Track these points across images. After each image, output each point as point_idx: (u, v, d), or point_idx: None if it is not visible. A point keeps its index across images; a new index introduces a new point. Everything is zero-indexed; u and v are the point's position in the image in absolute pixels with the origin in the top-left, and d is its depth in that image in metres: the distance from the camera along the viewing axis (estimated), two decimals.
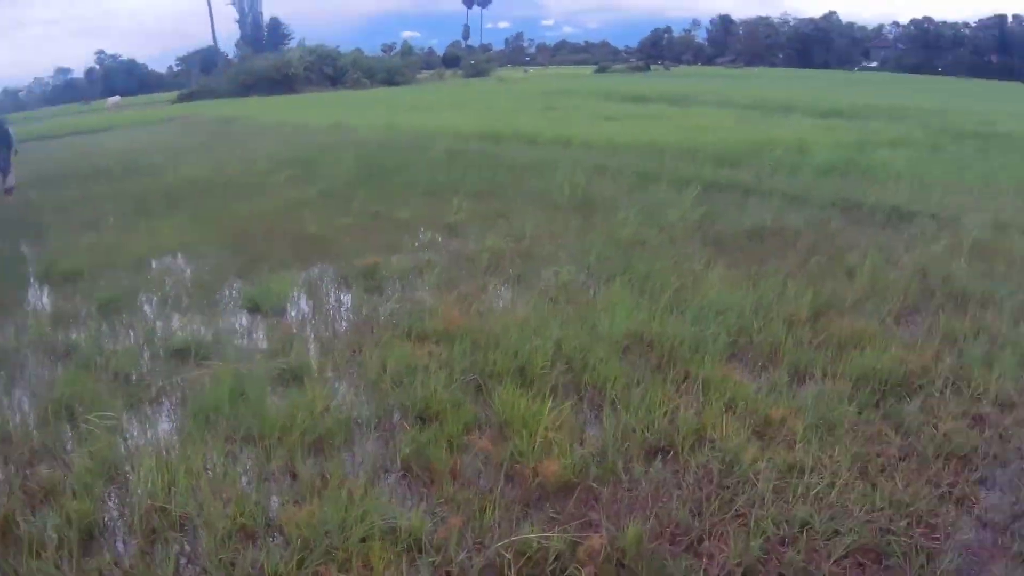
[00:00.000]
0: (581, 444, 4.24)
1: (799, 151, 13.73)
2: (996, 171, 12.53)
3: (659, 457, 4.13)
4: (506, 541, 3.45)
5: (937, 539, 3.62)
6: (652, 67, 79.82)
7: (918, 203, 10.11)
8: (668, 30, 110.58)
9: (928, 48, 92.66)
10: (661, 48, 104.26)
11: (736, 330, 5.64)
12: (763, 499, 3.72)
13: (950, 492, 3.95)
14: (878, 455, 4.23)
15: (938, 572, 3.41)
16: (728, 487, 3.85)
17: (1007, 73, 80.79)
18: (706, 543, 3.48)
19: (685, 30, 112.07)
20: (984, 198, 10.59)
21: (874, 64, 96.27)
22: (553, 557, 3.38)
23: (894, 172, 12.14)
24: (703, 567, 3.33)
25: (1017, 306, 6.39)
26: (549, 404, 4.45)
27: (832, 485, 3.88)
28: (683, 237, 7.92)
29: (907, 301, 6.55)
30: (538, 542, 3.43)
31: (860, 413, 4.65)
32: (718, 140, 14.27)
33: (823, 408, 4.60)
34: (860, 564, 3.44)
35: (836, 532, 3.57)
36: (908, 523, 3.69)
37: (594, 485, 3.90)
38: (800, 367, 5.21)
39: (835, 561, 3.41)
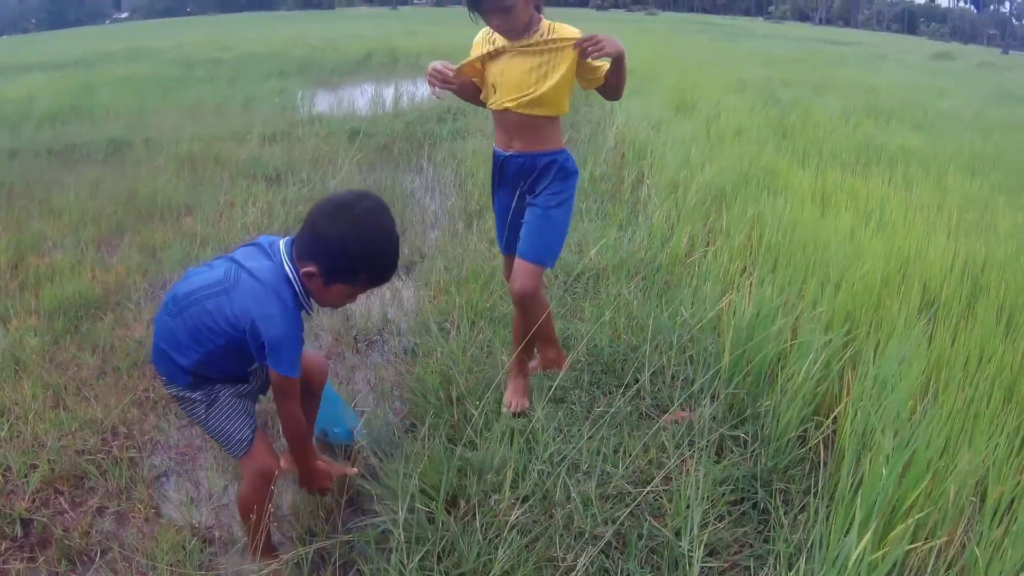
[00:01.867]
0: None
1: (25, 105, 13.08)
2: (212, 94, 13.37)
3: None
4: None
5: (135, 448, 3.64)
6: None
7: (135, 132, 10.26)
8: None
9: None
10: None
11: None
12: None
13: (146, 398, 4.02)
14: (72, 379, 4.15)
15: (142, 478, 3.43)
16: None
17: (256, 4, 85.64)
18: None
19: None
20: (197, 118, 11.23)
21: (125, 15, 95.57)
22: None
23: (115, 109, 12.28)
24: None
25: (213, 208, 6.75)
26: None
27: (25, 421, 3.73)
28: None
29: (111, 226, 6.56)
30: None
31: (54, 343, 4.55)
32: None
33: (15, 348, 4.41)
34: (59, 491, 3.35)
35: (33, 467, 3.44)
36: (103, 439, 3.67)
37: None
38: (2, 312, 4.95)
39: (32, 496, 3.28)
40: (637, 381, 3.72)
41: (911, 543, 2.38)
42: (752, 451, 3.18)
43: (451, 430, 3.40)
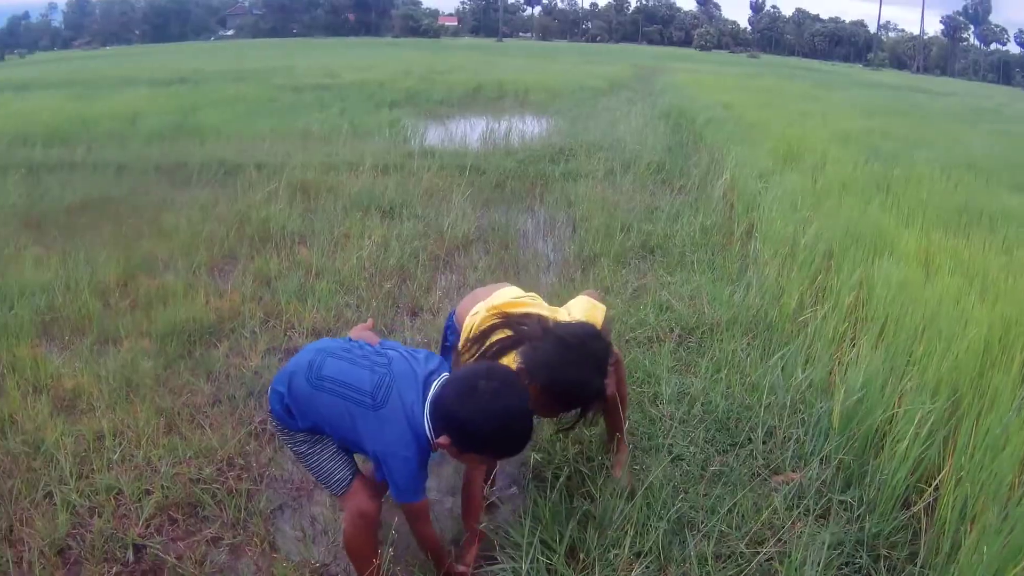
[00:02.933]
0: None
1: (130, 121, 13.60)
2: (321, 121, 13.80)
3: None
4: None
5: (251, 480, 3.74)
6: (7, 56, 73.26)
7: (245, 156, 10.57)
8: (26, 16, 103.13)
9: (284, 11, 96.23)
10: (19, 36, 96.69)
11: (46, 308, 5.39)
12: (68, 474, 3.59)
13: (262, 430, 4.10)
14: (185, 406, 4.27)
15: (258, 511, 3.52)
16: (34, 469, 3.67)
17: (363, 29, 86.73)
18: (16, 530, 3.30)
19: (42, 15, 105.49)
20: (308, 145, 11.58)
21: (231, 32, 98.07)
22: None
23: (225, 130, 12.67)
24: (16, 554, 3.17)
25: (327, 238, 6.93)
26: None
27: (138, 446, 3.85)
28: (2, 223, 7.39)
29: (223, 250, 6.75)
30: None
31: (167, 367, 4.67)
32: (49, 120, 13.57)
33: (128, 370, 4.54)
34: (173, 520, 3.46)
35: (147, 492, 3.55)
36: (219, 468, 3.76)
37: None
38: (107, 333, 5.10)
39: (145, 522, 3.40)
40: (750, 440, 3.79)
41: None
42: (858, 516, 3.23)
43: (569, 482, 3.50)
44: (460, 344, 3.18)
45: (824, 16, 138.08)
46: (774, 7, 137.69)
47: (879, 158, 10.06)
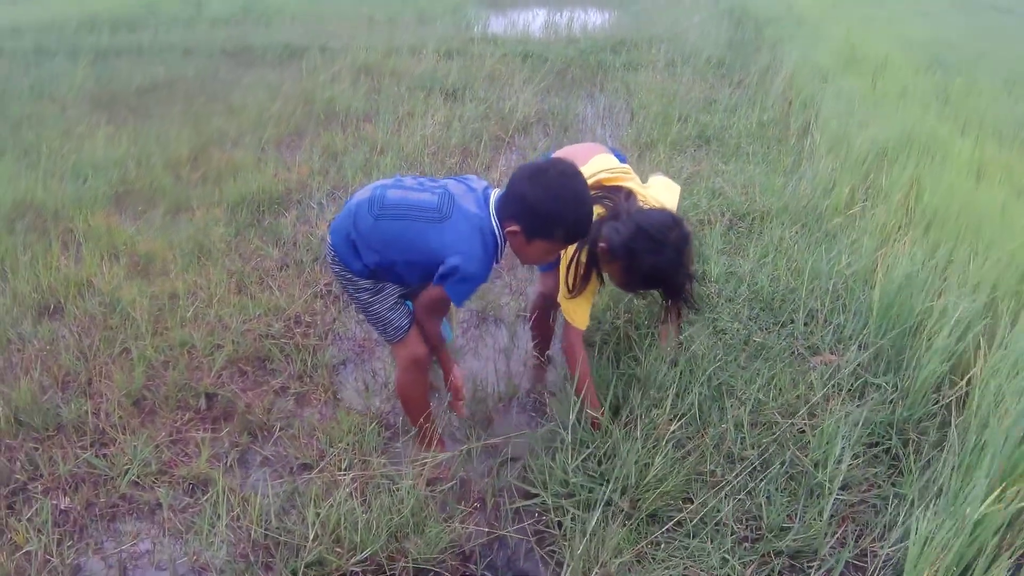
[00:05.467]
0: None
1: (196, 5, 13.64)
2: (384, 5, 13.76)
3: (46, 315, 4.10)
4: None
5: (316, 337, 3.99)
6: None
7: (310, 39, 10.69)
8: None
9: None
10: None
11: (118, 181, 5.61)
12: (143, 331, 3.83)
13: (327, 292, 4.35)
14: (255, 269, 4.51)
15: (323, 364, 3.77)
16: (112, 327, 3.91)
17: None
18: (95, 383, 3.54)
19: None
20: (371, 29, 11.64)
21: None
22: None
23: (288, 13, 12.75)
24: (94, 405, 3.40)
25: (391, 117, 7.07)
26: None
27: (209, 305, 4.08)
28: (75, 105, 7.60)
29: (290, 127, 6.95)
30: None
31: (237, 234, 4.91)
32: (114, 6, 13.59)
33: (200, 237, 4.78)
34: (243, 372, 3.71)
35: (218, 346, 3.79)
36: (286, 326, 4.01)
37: None
38: (179, 204, 5.35)
39: (217, 373, 3.64)
40: (792, 321, 3.97)
41: None
42: (890, 399, 3.40)
43: (617, 346, 3.70)
44: None
45: None
46: None
47: (941, 67, 9.84)
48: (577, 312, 3.19)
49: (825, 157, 5.95)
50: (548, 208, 2.67)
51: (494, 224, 2.76)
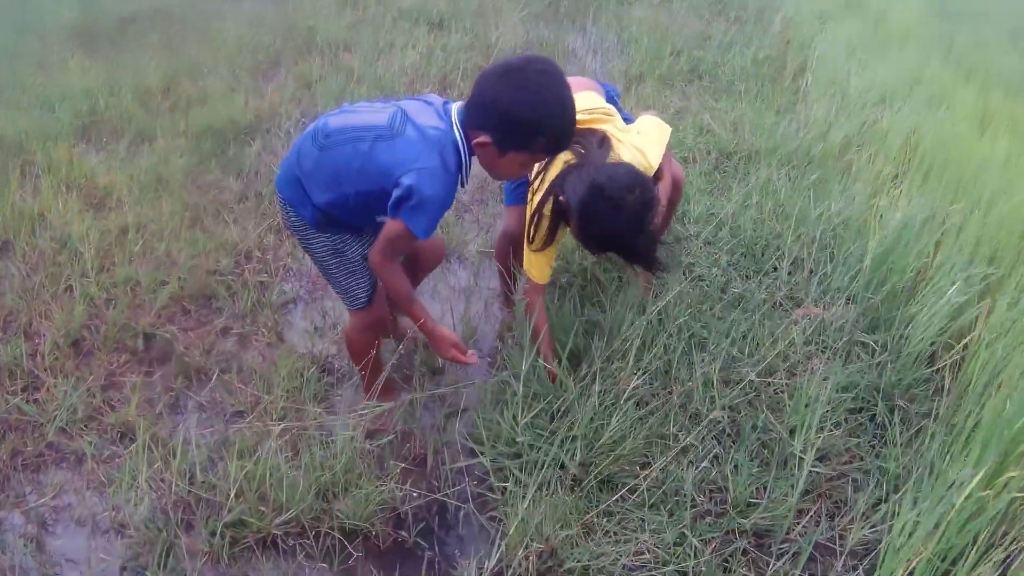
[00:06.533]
0: None
1: None
2: None
3: None
4: None
5: (266, 273, 3.75)
6: None
7: None
8: None
9: None
10: None
11: (87, 112, 5.27)
12: (90, 268, 3.58)
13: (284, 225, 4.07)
14: (212, 202, 4.25)
15: (270, 303, 3.54)
16: (59, 264, 3.65)
17: None
18: (35, 323, 3.30)
19: None
20: None
21: None
22: None
23: None
24: (31, 347, 3.17)
25: (372, 47, 6.73)
26: None
27: (160, 239, 3.82)
28: (53, 37, 7.17)
29: (268, 56, 6.61)
30: None
31: (199, 164, 4.63)
32: None
33: (160, 167, 4.50)
34: (186, 311, 3.47)
35: (163, 283, 3.54)
36: (236, 261, 3.77)
37: None
38: (146, 134, 5.02)
39: (158, 312, 3.40)
40: (775, 270, 3.68)
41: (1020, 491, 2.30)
42: (879, 362, 3.11)
43: (584, 290, 3.41)
44: None
45: None
46: None
47: (946, 15, 9.54)
48: (536, 265, 2.87)
49: (821, 100, 5.67)
50: (526, 113, 2.24)
51: (457, 136, 2.34)
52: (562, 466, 2.57)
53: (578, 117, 2.45)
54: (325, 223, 2.54)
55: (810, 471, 2.53)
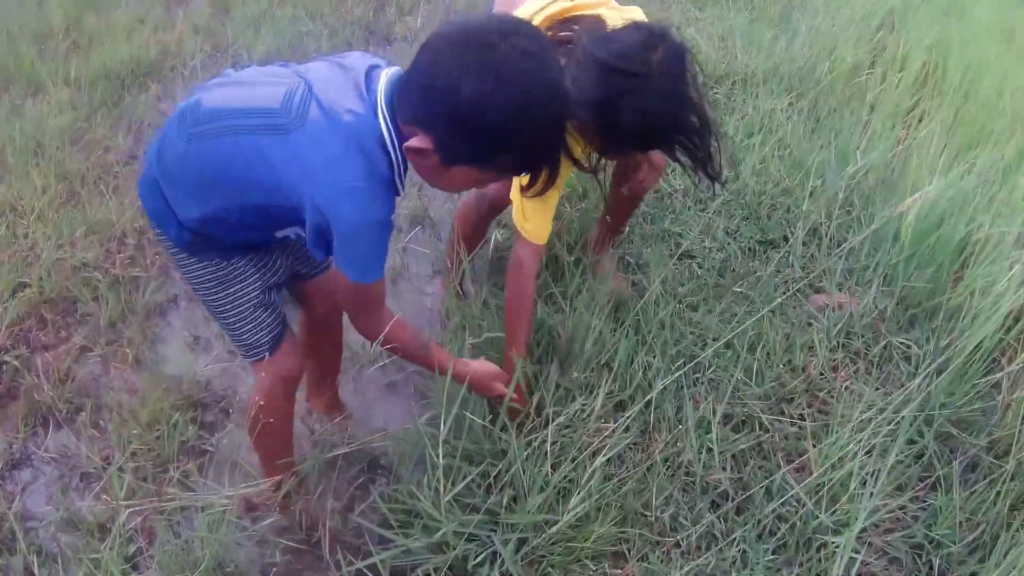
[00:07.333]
0: None
1: None
2: None
3: None
4: None
5: (140, 267, 3.05)
6: None
7: None
8: None
9: None
10: None
11: None
12: None
13: None
14: (95, 167, 3.57)
15: (142, 307, 2.85)
16: None
17: None
18: None
19: None
20: None
21: None
22: None
23: None
24: None
25: None
26: None
27: (25, 223, 3.15)
28: None
29: None
30: None
31: (87, 120, 3.93)
32: None
33: (38, 129, 3.76)
34: (43, 322, 2.79)
35: (22, 285, 2.86)
36: (107, 250, 3.09)
37: None
38: (37, 84, 4.28)
39: (11, 327, 2.72)
40: (786, 240, 2.93)
41: None
42: (924, 370, 2.30)
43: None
44: None
45: None
46: None
47: None
48: (533, 218, 2.07)
49: (823, 9, 4.86)
50: (492, 117, 1.38)
51: (383, 128, 1.49)
52: (502, 563, 1.82)
53: (558, 4, 1.93)
54: (201, 245, 1.72)
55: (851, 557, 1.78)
